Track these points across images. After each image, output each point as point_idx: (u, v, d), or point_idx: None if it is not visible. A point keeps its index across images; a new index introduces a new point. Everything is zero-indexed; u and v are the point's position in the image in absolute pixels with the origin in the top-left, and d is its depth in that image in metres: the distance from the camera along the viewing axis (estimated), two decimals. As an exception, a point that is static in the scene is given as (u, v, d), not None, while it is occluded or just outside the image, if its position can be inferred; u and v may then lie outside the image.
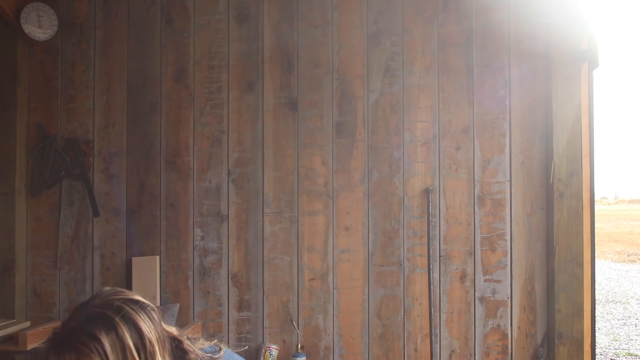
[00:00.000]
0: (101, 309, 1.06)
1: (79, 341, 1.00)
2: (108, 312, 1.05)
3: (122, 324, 1.03)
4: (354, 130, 2.77)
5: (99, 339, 1.00)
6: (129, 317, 1.05)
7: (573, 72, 2.60)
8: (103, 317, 1.04)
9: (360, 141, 2.76)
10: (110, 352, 1.00)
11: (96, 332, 1.01)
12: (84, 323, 1.03)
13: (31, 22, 2.81)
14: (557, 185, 2.59)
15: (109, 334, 1.01)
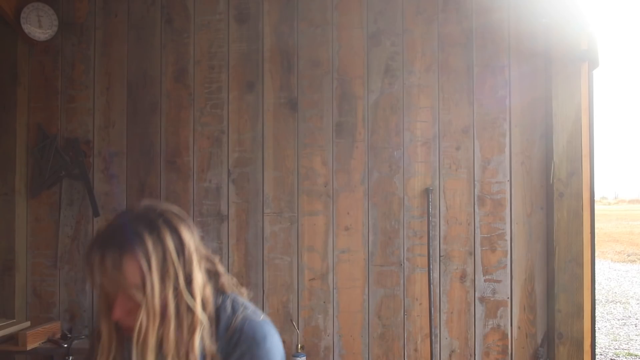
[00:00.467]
0: (144, 213, 1.09)
1: (123, 238, 1.03)
2: (151, 215, 1.08)
3: (164, 227, 1.06)
4: (354, 130, 2.77)
5: (142, 238, 1.03)
6: (170, 222, 1.08)
7: (573, 72, 2.60)
8: (146, 219, 1.07)
9: (360, 141, 2.76)
10: (151, 251, 1.02)
11: (139, 230, 1.03)
12: (127, 223, 1.06)
13: (31, 22, 2.81)
14: (557, 185, 2.59)
15: (151, 234, 1.04)
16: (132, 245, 1.02)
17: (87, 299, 2.85)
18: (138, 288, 1.02)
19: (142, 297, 1.02)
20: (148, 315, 1.02)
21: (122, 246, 1.02)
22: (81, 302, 2.85)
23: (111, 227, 1.07)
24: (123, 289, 1.02)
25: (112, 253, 1.02)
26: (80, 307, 2.85)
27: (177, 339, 1.05)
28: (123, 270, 1.01)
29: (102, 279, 1.04)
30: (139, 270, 1.01)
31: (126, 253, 1.01)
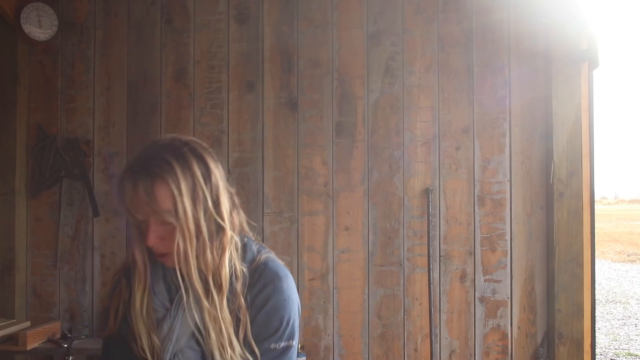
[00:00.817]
0: (170, 142, 1.13)
1: (153, 166, 1.07)
2: (177, 144, 1.12)
3: (190, 155, 1.11)
4: (354, 130, 2.77)
5: (171, 165, 1.07)
6: (196, 150, 1.13)
7: (573, 72, 2.60)
8: (172, 147, 1.11)
9: (360, 141, 2.76)
10: (181, 177, 1.07)
11: (167, 158, 1.08)
12: (155, 153, 1.10)
13: (31, 22, 2.81)
14: (557, 185, 2.59)
15: (178, 161, 1.08)
16: (162, 172, 1.07)
17: (87, 298, 2.85)
18: (171, 213, 1.07)
19: (175, 221, 1.07)
20: (184, 237, 1.08)
21: (153, 174, 1.06)
22: (81, 302, 2.85)
23: (140, 158, 1.11)
24: (156, 215, 1.07)
25: (144, 181, 1.06)
26: (80, 307, 2.85)
27: (212, 257, 1.11)
28: (155, 196, 1.06)
29: (136, 208, 1.08)
30: (171, 195, 1.06)
31: (157, 180, 1.06)
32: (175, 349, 1.15)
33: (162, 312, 1.16)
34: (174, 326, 1.14)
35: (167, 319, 1.15)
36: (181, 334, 1.14)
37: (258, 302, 1.15)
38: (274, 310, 1.15)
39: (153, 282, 1.17)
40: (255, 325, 1.14)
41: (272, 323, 1.15)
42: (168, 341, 1.14)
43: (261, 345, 1.14)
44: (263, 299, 1.15)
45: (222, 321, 1.12)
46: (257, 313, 1.15)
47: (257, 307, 1.15)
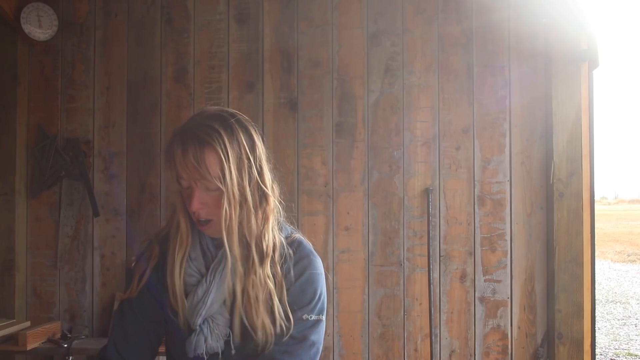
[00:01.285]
0: (218, 112, 1.17)
1: (202, 133, 1.11)
2: (224, 114, 1.17)
3: (237, 125, 1.15)
4: (354, 130, 2.77)
5: (219, 131, 1.11)
6: (241, 122, 1.17)
7: (573, 72, 2.60)
8: (220, 117, 1.16)
9: (360, 141, 2.76)
10: (229, 145, 1.11)
11: (216, 126, 1.12)
12: (203, 120, 1.14)
13: (31, 22, 2.81)
14: (557, 185, 2.59)
15: (226, 129, 1.13)
16: (211, 139, 1.10)
17: (87, 298, 2.85)
18: (218, 178, 1.10)
19: (222, 186, 1.10)
20: (230, 203, 1.12)
21: (202, 140, 1.10)
22: (81, 302, 2.85)
23: (188, 125, 1.14)
24: (203, 180, 1.11)
25: (193, 146, 1.10)
26: (80, 307, 2.85)
27: (256, 224, 1.16)
28: (205, 161, 1.09)
29: (184, 172, 1.11)
30: (219, 161, 1.10)
31: (206, 146, 1.10)
32: (207, 313, 1.17)
33: (197, 277, 1.19)
34: (209, 291, 1.16)
35: (203, 283, 1.17)
36: (215, 299, 1.17)
37: (295, 272, 1.19)
38: (308, 282, 1.19)
39: (190, 247, 1.20)
40: (291, 295, 1.18)
41: (307, 294, 1.19)
42: (202, 305, 1.16)
43: (294, 315, 1.17)
44: (299, 270, 1.20)
45: (260, 288, 1.15)
46: (293, 283, 1.19)
47: (293, 277, 1.19)
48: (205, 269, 1.19)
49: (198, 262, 1.20)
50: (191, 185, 1.13)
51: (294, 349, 1.16)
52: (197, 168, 1.10)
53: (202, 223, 1.16)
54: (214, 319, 1.18)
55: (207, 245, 1.21)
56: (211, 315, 1.18)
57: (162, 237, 1.26)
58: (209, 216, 1.15)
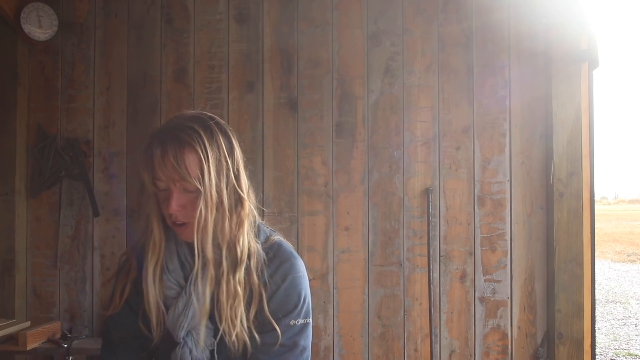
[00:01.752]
0: (197, 115, 1.17)
1: (182, 133, 1.10)
2: (203, 116, 1.16)
3: (216, 128, 1.15)
4: (354, 130, 2.77)
5: (199, 132, 1.11)
6: (220, 125, 1.17)
7: (573, 72, 2.60)
8: (199, 119, 1.15)
9: (360, 141, 2.76)
10: (208, 146, 1.10)
11: (196, 127, 1.12)
12: (182, 122, 1.13)
13: (31, 22, 2.81)
14: (557, 185, 2.59)
15: (206, 131, 1.12)
16: (191, 139, 1.09)
17: (87, 298, 2.85)
18: (197, 179, 1.09)
19: (200, 187, 1.09)
20: (207, 205, 1.10)
21: (182, 140, 1.09)
22: (81, 302, 2.85)
23: (167, 127, 1.14)
24: (182, 181, 1.09)
25: (173, 147, 1.09)
26: (80, 307, 2.85)
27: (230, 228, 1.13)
28: (184, 161, 1.08)
29: (162, 173, 1.10)
30: (198, 161, 1.09)
31: (186, 146, 1.09)
32: (189, 326, 1.16)
33: (176, 289, 1.17)
34: (189, 302, 1.15)
35: (182, 295, 1.15)
36: (196, 311, 1.15)
37: (276, 278, 1.16)
38: (292, 286, 1.17)
39: (167, 259, 1.18)
40: (275, 302, 1.15)
41: (291, 299, 1.17)
42: (184, 318, 1.15)
43: (281, 322, 1.15)
44: (281, 275, 1.17)
45: (233, 296, 1.12)
46: (277, 289, 1.16)
47: (275, 283, 1.16)
48: (184, 280, 1.17)
49: (176, 274, 1.18)
50: (169, 187, 1.11)
51: (286, 357, 1.15)
52: (177, 168, 1.08)
53: (178, 227, 1.13)
54: (197, 331, 1.16)
55: (185, 256, 1.19)
56: (194, 326, 1.16)
57: (138, 249, 1.23)
58: (186, 219, 1.12)
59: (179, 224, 1.13)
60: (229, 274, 1.13)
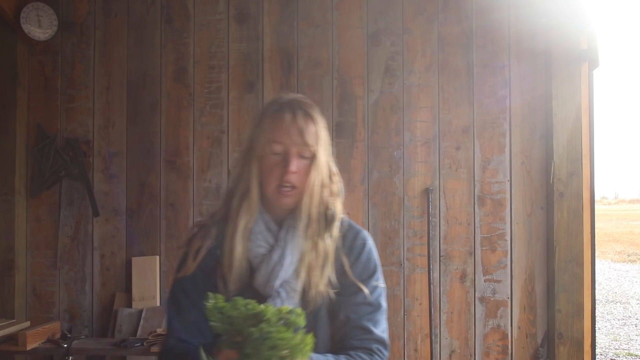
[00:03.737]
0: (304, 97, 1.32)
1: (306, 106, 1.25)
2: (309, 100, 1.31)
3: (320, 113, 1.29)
4: (354, 130, 2.77)
5: (317, 111, 1.27)
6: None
7: (573, 72, 2.60)
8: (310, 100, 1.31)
9: (360, 141, 2.76)
10: (322, 124, 1.26)
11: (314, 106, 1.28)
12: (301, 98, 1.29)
13: (31, 21, 2.81)
14: (557, 185, 2.59)
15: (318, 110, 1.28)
16: (314, 112, 1.25)
17: (87, 298, 2.85)
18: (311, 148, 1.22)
19: (317, 154, 1.22)
20: (318, 170, 1.23)
21: (307, 112, 1.24)
22: (81, 302, 2.85)
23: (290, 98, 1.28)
24: (303, 146, 1.21)
25: (301, 115, 1.23)
26: (80, 307, 2.85)
27: (327, 195, 1.27)
28: (308, 129, 1.22)
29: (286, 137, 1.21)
30: (316, 132, 1.23)
31: (310, 118, 1.24)
32: (283, 277, 1.22)
33: (266, 247, 1.24)
34: (285, 253, 1.22)
35: (277, 248, 1.23)
36: (290, 262, 1.23)
37: (357, 245, 1.31)
38: (370, 253, 1.33)
39: (253, 222, 1.25)
40: (358, 266, 1.28)
41: (371, 263, 1.32)
42: (280, 268, 1.21)
43: (367, 283, 1.27)
44: (360, 244, 1.32)
45: (324, 255, 1.23)
46: (359, 255, 1.30)
47: (357, 249, 1.30)
48: (274, 240, 1.25)
49: (263, 235, 1.25)
50: (287, 151, 1.21)
51: (374, 316, 1.26)
52: (302, 134, 1.21)
53: (287, 189, 1.22)
54: (289, 283, 1.23)
55: (268, 223, 1.26)
56: (287, 278, 1.23)
57: (217, 219, 1.29)
58: (296, 183, 1.22)
59: (287, 186, 1.22)
60: (322, 234, 1.24)
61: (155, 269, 2.80)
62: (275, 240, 1.24)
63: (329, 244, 1.25)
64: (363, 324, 1.24)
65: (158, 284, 2.79)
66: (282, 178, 1.21)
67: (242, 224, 1.23)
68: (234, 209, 1.25)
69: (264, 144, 1.22)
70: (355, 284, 1.25)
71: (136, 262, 2.81)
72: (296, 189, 1.22)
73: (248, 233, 1.24)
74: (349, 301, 1.25)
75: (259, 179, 1.24)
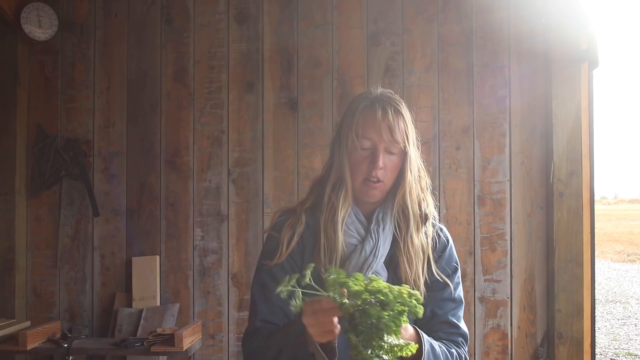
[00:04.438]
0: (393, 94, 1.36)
1: (396, 103, 1.29)
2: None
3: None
4: (354, 130, 2.76)
5: (406, 108, 1.32)
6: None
7: (573, 72, 2.60)
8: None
9: (360, 141, 2.75)
10: (410, 119, 1.30)
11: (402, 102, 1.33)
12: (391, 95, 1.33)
13: (31, 22, 2.81)
14: (557, 185, 2.59)
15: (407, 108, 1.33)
16: (404, 110, 1.29)
17: (87, 298, 2.85)
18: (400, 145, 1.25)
19: (408, 150, 1.26)
20: (410, 168, 1.27)
21: (397, 109, 1.28)
22: (81, 302, 2.85)
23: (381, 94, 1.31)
24: (392, 142, 1.24)
25: (392, 111, 1.26)
26: (80, 307, 2.85)
27: (419, 191, 1.31)
28: (399, 125, 1.26)
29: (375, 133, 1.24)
30: (405, 130, 1.27)
31: (400, 115, 1.27)
32: (374, 267, 1.25)
33: (357, 238, 1.27)
34: (378, 245, 1.26)
35: (369, 240, 1.26)
36: (382, 255, 1.26)
37: (441, 242, 1.34)
38: (452, 249, 1.36)
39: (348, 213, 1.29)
40: (443, 262, 1.32)
41: (453, 259, 1.35)
42: (373, 259, 1.24)
43: (452, 278, 1.31)
44: (444, 240, 1.35)
45: (418, 249, 1.28)
46: (443, 251, 1.34)
47: (442, 245, 1.34)
48: (364, 232, 1.28)
49: (354, 226, 1.28)
50: (375, 146, 1.24)
51: (457, 312, 1.31)
52: (391, 130, 1.24)
53: (374, 183, 1.25)
54: (379, 274, 1.25)
55: (357, 215, 1.29)
56: (377, 269, 1.25)
57: (307, 207, 1.32)
58: (383, 178, 1.25)
59: (374, 180, 1.25)
60: (418, 228, 1.29)
61: (156, 268, 2.80)
62: (366, 232, 1.27)
63: (424, 239, 1.29)
64: (449, 319, 1.28)
65: (158, 283, 2.79)
66: (369, 173, 1.25)
67: (341, 215, 1.26)
68: (330, 199, 1.28)
69: (354, 139, 1.25)
70: (440, 280, 1.29)
71: (136, 262, 2.81)
72: (382, 183, 1.26)
73: (345, 222, 1.27)
74: (435, 297, 1.28)
75: (350, 172, 1.27)
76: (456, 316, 1.30)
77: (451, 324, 1.28)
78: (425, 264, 1.29)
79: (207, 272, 2.80)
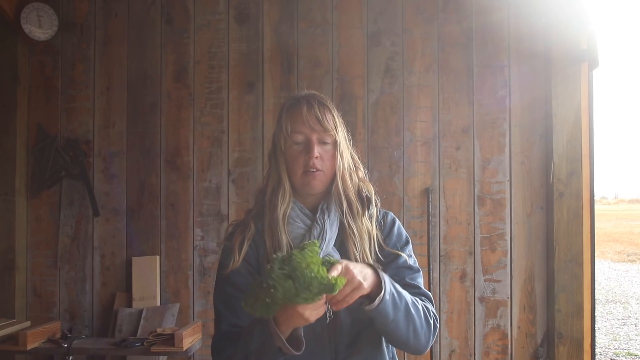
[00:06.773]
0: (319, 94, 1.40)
1: (320, 98, 1.35)
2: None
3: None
4: (354, 130, 2.77)
5: (331, 102, 1.36)
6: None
7: (573, 72, 2.60)
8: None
9: (360, 141, 2.76)
10: (338, 114, 1.36)
11: (325, 97, 1.37)
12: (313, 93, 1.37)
13: (31, 22, 2.81)
14: (557, 185, 2.59)
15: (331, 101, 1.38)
16: (329, 103, 1.35)
17: (87, 298, 2.85)
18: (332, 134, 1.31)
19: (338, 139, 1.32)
20: (342, 155, 1.33)
21: (322, 103, 1.33)
22: (81, 302, 2.85)
23: (304, 93, 1.36)
24: (323, 132, 1.30)
25: (317, 105, 1.31)
26: (80, 307, 2.85)
27: (357, 179, 1.39)
28: (325, 116, 1.31)
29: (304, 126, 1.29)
30: (333, 119, 1.33)
31: (326, 107, 1.33)
32: (325, 250, 1.28)
33: (304, 228, 1.32)
34: (324, 229, 1.30)
35: (315, 226, 1.30)
36: (330, 238, 1.30)
37: (387, 222, 1.42)
38: (400, 228, 1.43)
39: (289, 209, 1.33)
40: (392, 239, 1.38)
41: (402, 236, 1.41)
42: (322, 241, 1.28)
43: (405, 249, 1.37)
44: (390, 220, 1.43)
45: (367, 230, 1.34)
46: (390, 231, 1.40)
47: (388, 225, 1.41)
48: (310, 222, 1.32)
49: (299, 218, 1.32)
50: (308, 139, 1.29)
51: (416, 278, 1.35)
52: (320, 120, 1.29)
53: (313, 173, 1.29)
54: (330, 255, 1.26)
55: (302, 209, 1.34)
56: (329, 253, 1.28)
57: (254, 214, 1.36)
58: (322, 167, 1.30)
59: (312, 171, 1.29)
60: (359, 213, 1.34)
61: (156, 268, 2.80)
62: (312, 222, 1.31)
63: (367, 222, 1.35)
64: (408, 282, 1.32)
65: (158, 283, 2.79)
66: (307, 164, 1.29)
67: (281, 211, 1.30)
68: (270, 200, 1.32)
69: (286, 137, 1.30)
70: (392, 252, 1.35)
71: (136, 261, 2.81)
72: (322, 172, 1.30)
73: (287, 218, 1.31)
74: (390, 267, 1.33)
75: (287, 170, 1.32)
76: (415, 281, 1.34)
77: (411, 286, 1.32)
78: (374, 244, 1.34)
79: (207, 272, 2.80)
